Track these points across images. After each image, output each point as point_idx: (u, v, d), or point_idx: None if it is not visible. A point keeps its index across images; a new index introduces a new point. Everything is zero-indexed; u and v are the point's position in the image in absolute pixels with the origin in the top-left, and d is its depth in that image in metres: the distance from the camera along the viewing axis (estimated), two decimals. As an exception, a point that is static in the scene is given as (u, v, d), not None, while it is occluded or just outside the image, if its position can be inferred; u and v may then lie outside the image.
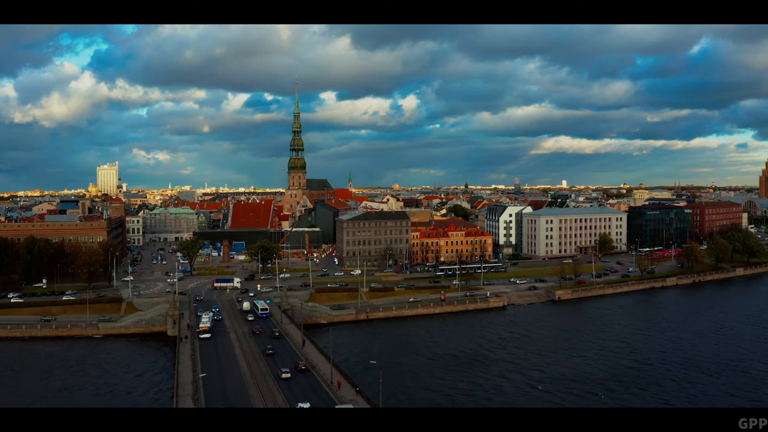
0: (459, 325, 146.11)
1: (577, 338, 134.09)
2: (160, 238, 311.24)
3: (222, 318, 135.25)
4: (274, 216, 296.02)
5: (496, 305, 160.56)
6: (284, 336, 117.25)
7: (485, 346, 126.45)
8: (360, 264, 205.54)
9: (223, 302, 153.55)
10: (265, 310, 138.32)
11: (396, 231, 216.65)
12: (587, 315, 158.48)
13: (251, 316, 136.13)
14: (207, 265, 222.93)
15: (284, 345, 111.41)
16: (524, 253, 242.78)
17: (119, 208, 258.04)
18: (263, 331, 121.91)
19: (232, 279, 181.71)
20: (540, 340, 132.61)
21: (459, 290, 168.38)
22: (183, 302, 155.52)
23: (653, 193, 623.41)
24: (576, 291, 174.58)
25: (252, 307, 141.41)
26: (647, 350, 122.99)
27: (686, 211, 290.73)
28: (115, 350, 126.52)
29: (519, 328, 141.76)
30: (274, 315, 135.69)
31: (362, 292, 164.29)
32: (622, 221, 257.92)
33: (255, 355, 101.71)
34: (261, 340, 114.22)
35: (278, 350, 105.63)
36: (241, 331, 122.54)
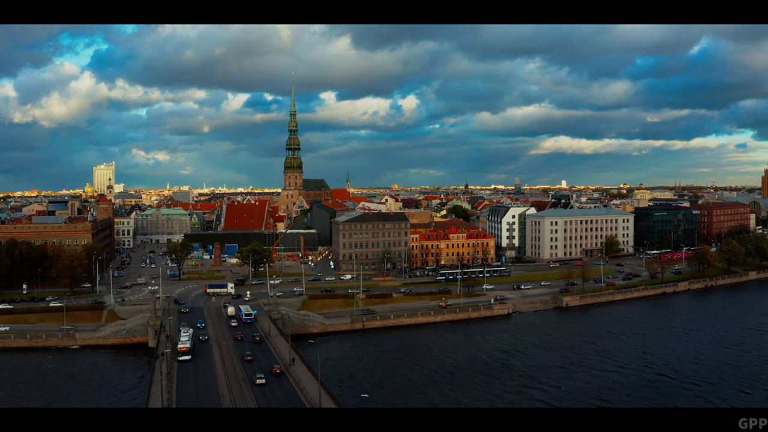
0: (462, 335, 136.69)
1: (592, 349, 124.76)
2: (152, 240, 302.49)
3: (207, 335, 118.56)
4: (269, 217, 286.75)
5: (500, 313, 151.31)
6: (265, 340, 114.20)
7: (493, 359, 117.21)
8: (357, 268, 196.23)
9: (211, 310, 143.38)
10: (249, 315, 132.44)
11: (394, 233, 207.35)
12: (598, 323, 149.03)
13: (235, 321, 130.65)
14: (198, 269, 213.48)
15: (264, 349, 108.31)
16: (528, 255, 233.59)
17: (107, 209, 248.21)
18: (245, 336, 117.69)
19: (226, 285, 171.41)
20: (552, 352, 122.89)
21: (461, 296, 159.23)
22: (167, 310, 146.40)
23: (655, 193, 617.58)
24: (584, 297, 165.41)
25: (237, 312, 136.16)
26: (669, 362, 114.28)
27: (694, 212, 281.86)
28: (90, 363, 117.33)
29: (527, 338, 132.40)
30: (262, 324, 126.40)
31: (358, 298, 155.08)
32: (629, 222, 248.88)
33: (238, 375, 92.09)
34: (242, 346, 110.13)
35: (257, 356, 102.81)
36: (225, 344, 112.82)
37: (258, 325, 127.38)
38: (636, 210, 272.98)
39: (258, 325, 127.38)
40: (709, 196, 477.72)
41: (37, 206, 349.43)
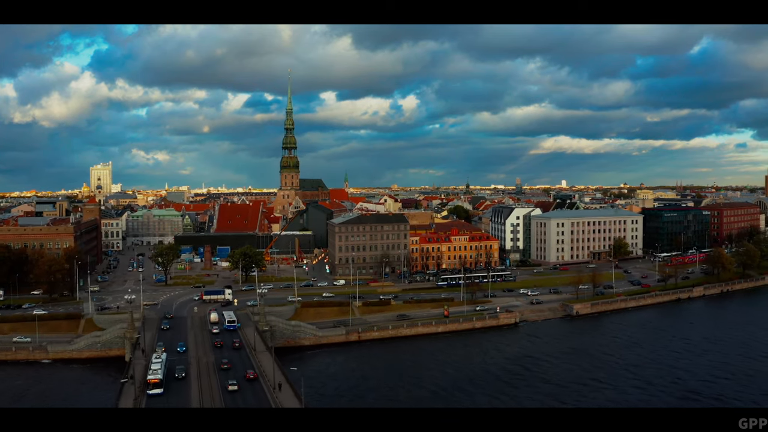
0: (466, 347, 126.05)
1: (612, 363, 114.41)
2: (143, 242, 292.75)
3: (186, 368, 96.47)
4: (263, 218, 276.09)
5: (507, 322, 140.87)
6: (245, 347, 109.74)
7: (505, 375, 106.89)
8: (353, 272, 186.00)
9: (195, 325, 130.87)
10: (232, 322, 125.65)
11: (393, 235, 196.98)
12: (613, 333, 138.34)
13: (216, 328, 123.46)
14: (187, 273, 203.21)
15: (242, 356, 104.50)
16: (533, 259, 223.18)
17: (93, 210, 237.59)
18: (225, 344, 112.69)
19: (223, 291, 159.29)
20: (569, 367, 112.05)
21: (464, 304, 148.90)
22: (150, 319, 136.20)
23: (657, 192, 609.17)
24: (596, 304, 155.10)
25: (219, 319, 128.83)
26: (699, 376, 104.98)
27: (704, 212, 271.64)
28: (59, 381, 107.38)
29: (539, 351, 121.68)
30: (248, 337, 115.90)
31: (354, 306, 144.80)
32: (638, 224, 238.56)
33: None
34: (221, 354, 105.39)
35: (235, 363, 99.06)
36: (206, 361, 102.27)
37: (243, 336, 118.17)
38: (644, 211, 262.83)
39: (243, 336, 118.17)
40: (712, 196, 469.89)
41: (26, 207, 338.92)
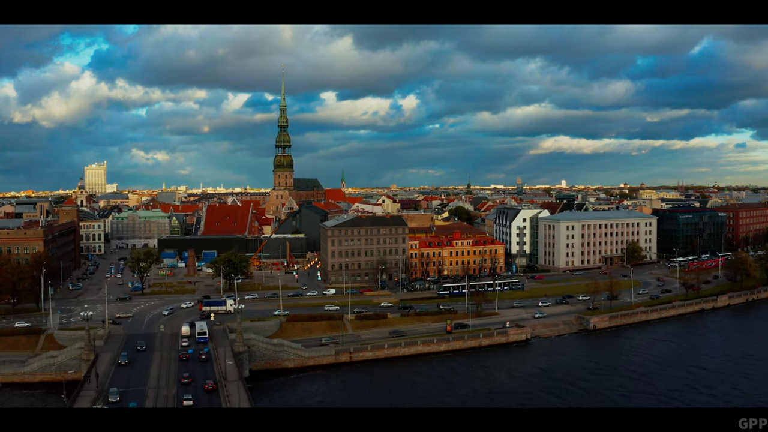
0: (473, 369, 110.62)
1: (645, 389, 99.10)
2: (128, 245, 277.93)
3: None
4: (253, 220, 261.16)
5: (517, 338, 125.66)
6: (212, 359, 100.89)
7: (525, 406, 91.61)
8: (347, 280, 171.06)
9: (165, 342, 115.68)
10: (203, 334, 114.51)
11: (391, 239, 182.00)
12: (639, 351, 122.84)
13: (186, 341, 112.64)
14: (168, 280, 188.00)
15: (206, 370, 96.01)
16: (540, 264, 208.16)
17: (70, 212, 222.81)
18: (191, 357, 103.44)
19: (224, 301, 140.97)
20: (597, 395, 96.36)
21: (469, 316, 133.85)
22: (116, 336, 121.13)
23: (661, 193, 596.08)
24: (615, 317, 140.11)
25: (190, 331, 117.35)
26: (750, 404, 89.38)
27: (720, 214, 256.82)
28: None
29: (557, 375, 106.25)
30: (221, 359, 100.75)
31: (346, 320, 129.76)
32: (652, 226, 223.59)
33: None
34: (184, 368, 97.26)
35: (197, 377, 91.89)
36: (165, 393, 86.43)
37: (213, 350, 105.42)
38: (658, 212, 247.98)
39: (213, 350, 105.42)
40: (716, 196, 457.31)
41: (8, 208, 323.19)
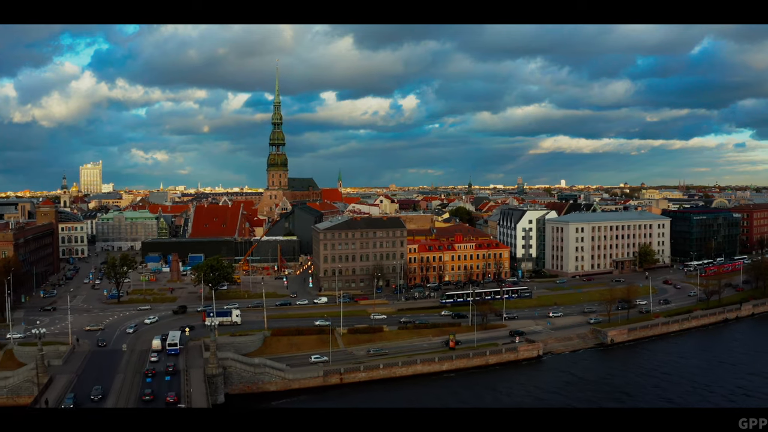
0: (479, 394, 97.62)
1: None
2: (114, 247, 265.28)
3: None
4: (244, 221, 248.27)
5: (527, 355, 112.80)
6: (180, 371, 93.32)
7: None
8: (341, 286, 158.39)
9: (131, 362, 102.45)
10: (173, 345, 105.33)
11: (388, 243, 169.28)
12: (666, 369, 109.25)
13: (155, 356, 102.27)
14: (151, 286, 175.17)
15: (172, 384, 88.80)
16: (548, 269, 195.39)
17: (48, 214, 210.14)
18: (157, 372, 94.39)
19: (229, 312, 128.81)
20: None
21: (474, 329, 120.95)
22: (80, 353, 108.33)
23: (664, 192, 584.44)
24: (633, 330, 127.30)
25: (161, 345, 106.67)
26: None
27: (734, 215, 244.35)
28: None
29: (579, 402, 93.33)
30: (190, 381, 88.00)
31: (338, 334, 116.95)
32: (665, 228, 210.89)
33: None
34: (149, 385, 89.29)
35: (161, 393, 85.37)
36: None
37: (184, 370, 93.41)
38: (670, 213, 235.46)
39: (184, 370, 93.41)
40: (720, 196, 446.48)
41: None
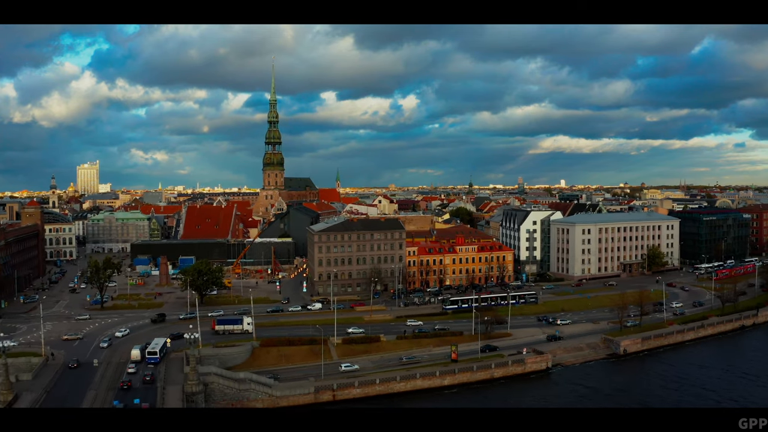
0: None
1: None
2: (104, 249, 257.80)
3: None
4: (238, 222, 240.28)
5: (536, 368, 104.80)
6: (156, 380, 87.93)
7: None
8: (337, 291, 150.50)
9: (108, 371, 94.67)
10: (153, 354, 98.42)
11: (386, 245, 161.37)
12: (691, 382, 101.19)
13: (132, 367, 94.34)
14: (138, 290, 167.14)
15: (148, 395, 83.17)
16: (553, 272, 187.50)
17: (33, 215, 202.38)
18: (132, 384, 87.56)
19: (241, 319, 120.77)
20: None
21: (478, 339, 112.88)
22: (51, 368, 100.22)
23: (666, 192, 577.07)
24: (647, 339, 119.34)
25: (141, 354, 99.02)
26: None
27: (744, 216, 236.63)
28: None
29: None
30: (169, 396, 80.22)
31: (332, 345, 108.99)
32: (674, 229, 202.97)
33: None
34: (123, 395, 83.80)
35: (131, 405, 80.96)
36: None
37: (161, 379, 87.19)
38: (679, 214, 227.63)
39: (161, 379, 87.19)
40: (722, 196, 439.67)
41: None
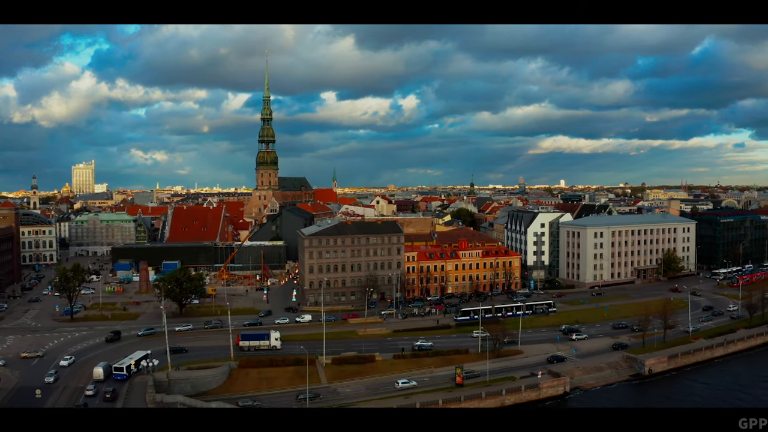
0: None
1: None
2: (88, 252, 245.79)
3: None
4: (227, 224, 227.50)
5: (552, 392, 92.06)
6: (119, 398, 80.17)
7: None
8: (329, 300, 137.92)
9: (61, 400, 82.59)
10: (120, 370, 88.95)
11: (383, 250, 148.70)
12: (729, 409, 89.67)
13: (91, 389, 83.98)
14: (115, 298, 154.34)
15: None
16: (562, 278, 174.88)
17: (8, 217, 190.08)
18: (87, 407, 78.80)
19: (268, 334, 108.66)
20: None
21: (486, 357, 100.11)
22: (3, 390, 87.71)
23: (669, 193, 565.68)
24: (674, 357, 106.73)
25: (105, 372, 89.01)
26: None
27: (762, 217, 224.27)
28: None
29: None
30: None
31: (320, 365, 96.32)
32: (690, 232, 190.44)
33: None
34: None
35: None
36: None
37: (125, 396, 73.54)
38: (695, 216, 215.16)
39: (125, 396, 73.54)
40: (727, 196, 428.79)
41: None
